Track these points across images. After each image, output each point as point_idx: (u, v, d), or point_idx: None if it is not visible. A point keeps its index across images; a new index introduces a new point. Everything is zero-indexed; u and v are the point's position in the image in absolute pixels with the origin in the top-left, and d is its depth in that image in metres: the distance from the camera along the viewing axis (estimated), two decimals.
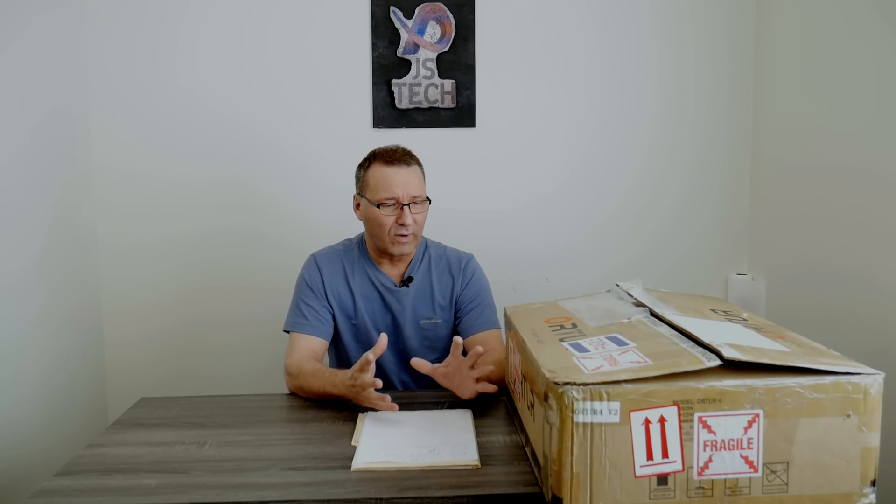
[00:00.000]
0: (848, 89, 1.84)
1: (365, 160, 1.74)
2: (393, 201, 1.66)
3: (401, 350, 1.76)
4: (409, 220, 1.65)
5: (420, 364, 1.50)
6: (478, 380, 1.47)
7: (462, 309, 1.78)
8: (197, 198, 2.28)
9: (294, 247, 2.21)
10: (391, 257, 1.74)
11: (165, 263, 2.29)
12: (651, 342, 1.10)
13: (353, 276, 1.76)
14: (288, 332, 1.73)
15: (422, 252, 1.80)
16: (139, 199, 2.27)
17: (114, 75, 2.23)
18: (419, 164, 1.73)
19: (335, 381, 1.50)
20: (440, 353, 1.75)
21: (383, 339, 1.45)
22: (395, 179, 1.66)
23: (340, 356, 1.79)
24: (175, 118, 2.25)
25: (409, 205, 1.66)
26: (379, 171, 1.69)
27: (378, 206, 1.67)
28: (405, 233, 1.67)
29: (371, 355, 1.40)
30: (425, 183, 1.74)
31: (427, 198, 1.72)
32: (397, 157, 1.69)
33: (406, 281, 1.76)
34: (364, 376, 1.41)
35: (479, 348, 1.44)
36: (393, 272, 1.77)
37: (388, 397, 1.41)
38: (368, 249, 1.78)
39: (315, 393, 1.56)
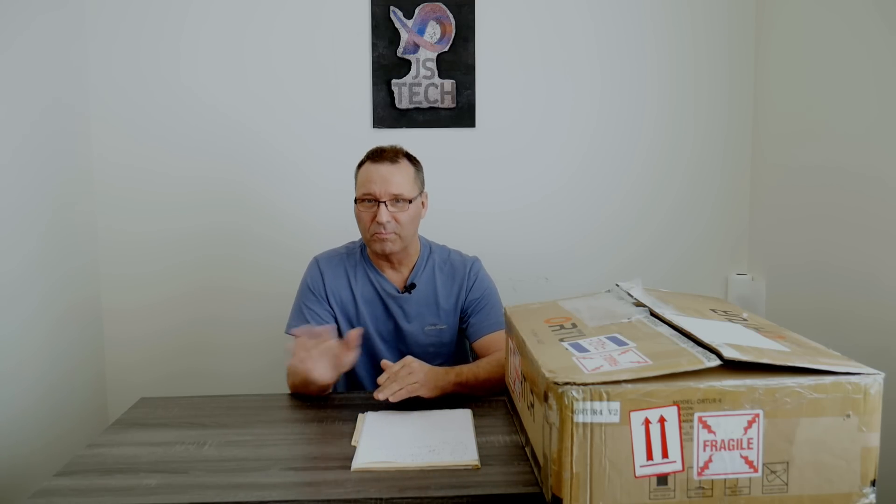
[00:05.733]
0: (847, 91, 1.84)
1: (360, 160, 1.74)
2: (371, 198, 1.64)
3: (404, 355, 1.74)
4: (384, 217, 1.62)
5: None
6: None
7: (469, 312, 1.76)
8: (198, 195, 2.28)
9: (294, 248, 2.22)
10: (391, 261, 1.73)
11: (166, 261, 2.29)
12: (651, 342, 1.10)
13: (355, 281, 1.75)
14: (289, 334, 1.73)
15: (426, 257, 1.78)
16: (140, 196, 2.27)
17: (115, 70, 2.23)
18: (412, 163, 1.71)
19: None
20: (444, 359, 1.75)
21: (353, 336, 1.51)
22: (375, 176, 1.65)
23: None
24: (176, 114, 2.25)
25: (387, 202, 1.63)
26: (364, 169, 1.69)
27: (357, 203, 1.67)
28: (383, 231, 1.64)
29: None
30: (420, 183, 1.73)
31: (412, 199, 1.66)
32: (384, 154, 1.68)
33: (409, 287, 1.75)
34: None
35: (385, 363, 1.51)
36: (395, 277, 1.76)
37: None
38: (369, 253, 1.76)
39: (300, 379, 1.54)
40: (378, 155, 1.69)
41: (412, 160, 1.72)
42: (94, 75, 2.22)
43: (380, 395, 1.44)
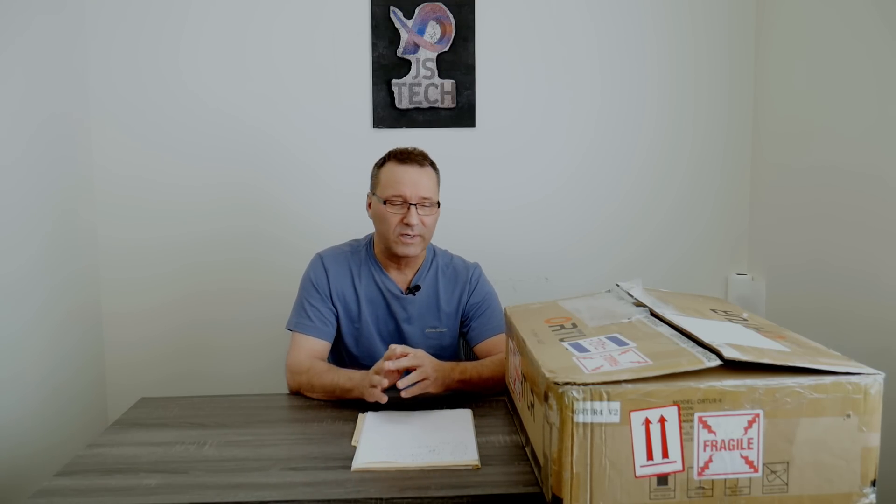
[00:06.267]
0: (847, 91, 1.84)
1: (381, 159, 1.74)
2: (400, 199, 1.65)
3: None
4: (414, 219, 1.63)
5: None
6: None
7: (469, 317, 1.77)
8: (196, 200, 2.28)
9: (293, 247, 2.22)
10: (398, 262, 1.73)
11: (165, 266, 2.29)
12: (651, 342, 1.10)
13: (359, 280, 1.75)
14: (291, 330, 1.73)
15: (430, 260, 1.79)
16: (138, 202, 2.27)
17: (115, 77, 2.23)
18: (434, 168, 1.73)
19: (352, 374, 1.54)
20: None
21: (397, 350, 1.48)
22: (406, 178, 1.66)
23: (340, 358, 1.78)
24: (175, 120, 2.25)
25: (416, 205, 1.65)
26: (391, 169, 1.68)
27: (385, 204, 1.66)
28: (410, 233, 1.65)
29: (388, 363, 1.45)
30: (439, 187, 1.74)
31: (438, 203, 1.70)
32: (411, 156, 1.68)
33: (413, 289, 1.75)
34: (376, 377, 1.45)
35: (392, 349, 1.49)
36: (400, 279, 1.76)
37: (385, 398, 1.45)
38: (376, 253, 1.76)
39: (325, 387, 1.56)
40: (405, 157, 1.69)
41: (434, 165, 1.74)
42: (94, 81, 2.22)
43: (400, 384, 1.45)
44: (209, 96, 2.25)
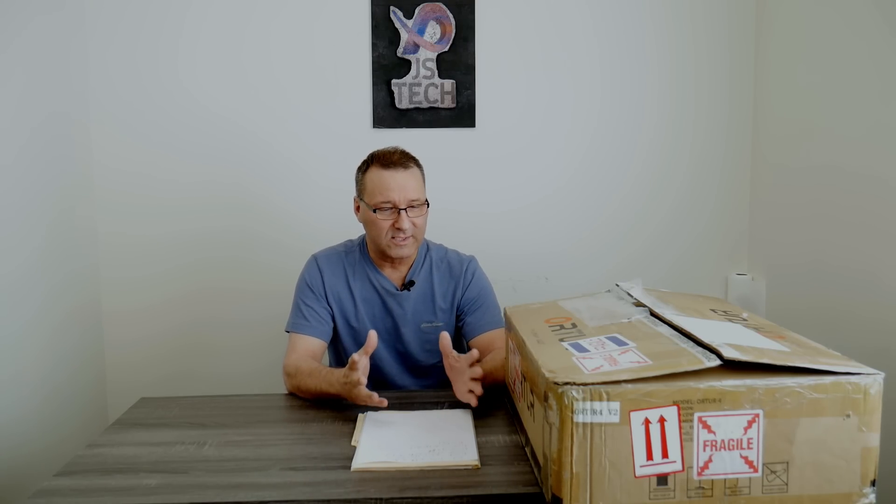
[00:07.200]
0: (847, 91, 1.84)
1: (363, 163, 1.73)
2: (390, 205, 1.64)
3: (401, 353, 1.76)
4: (405, 224, 1.63)
5: (443, 339, 1.48)
6: (471, 380, 1.46)
7: (465, 311, 1.77)
8: (197, 199, 2.28)
9: (294, 248, 2.21)
10: (392, 260, 1.74)
11: (166, 264, 2.29)
12: (651, 342, 1.10)
13: (353, 279, 1.75)
14: (288, 331, 1.73)
15: (423, 255, 1.79)
16: (139, 200, 2.27)
17: (114, 76, 2.23)
18: (418, 167, 1.72)
19: (331, 379, 1.51)
20: (440, 357, 1.74)
21: (372, 337, 1.44)
22: (392, 183, 1.64)
23: (339, 358, 1.79)
24: (175, 119, 2.25)
25: (406, 209, 1.64)
26: (376, 175, 1.67)
27: (375, 211, 1.65)
28: (403, 236, 1.65)
29: (357, 356, 1.41)
30: (425, 185, 1.73)
31: (426, 201, 1.70)
32: (394, 160, 1.67)
33: (407, 285, 1.75)
34: (353, 374, 1.41)
35: (476, 352, 1.45)
36: (394, 275, 1.76)
37: (375, 395, 1.41)
38: (370, 252, 1.77)
39: (311, 391, 1.55)
40: (388, 161, 1.67)
41: (417, 163, 1.73)
42: (94, 80, 2.22)
43: (473, 401, 1.44)
44: (209, 96, 2.25)
